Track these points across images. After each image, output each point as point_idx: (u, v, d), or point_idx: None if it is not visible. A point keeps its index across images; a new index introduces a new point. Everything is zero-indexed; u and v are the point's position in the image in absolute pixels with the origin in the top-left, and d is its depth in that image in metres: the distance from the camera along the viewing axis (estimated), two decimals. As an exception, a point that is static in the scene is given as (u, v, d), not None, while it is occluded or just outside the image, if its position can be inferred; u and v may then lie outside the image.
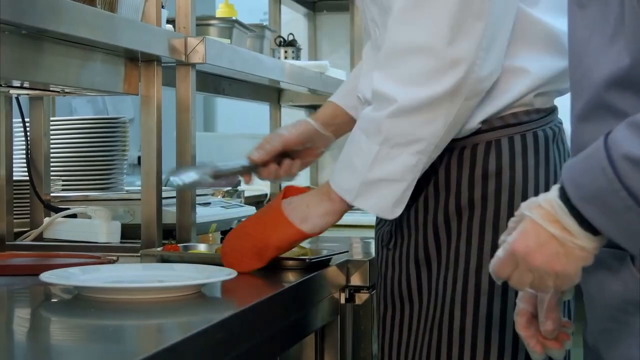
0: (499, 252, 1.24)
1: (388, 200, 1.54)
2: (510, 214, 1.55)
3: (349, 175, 1.57)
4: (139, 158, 2.22)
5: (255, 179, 1.80)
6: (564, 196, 1.16)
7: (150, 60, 2.01)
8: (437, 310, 1.59)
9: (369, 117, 1.55)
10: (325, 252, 1.82)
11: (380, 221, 1.75)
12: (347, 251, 1.90)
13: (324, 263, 1.79)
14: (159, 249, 1.90)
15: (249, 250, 1.65)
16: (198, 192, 2.20)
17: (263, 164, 1.78)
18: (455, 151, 1.58)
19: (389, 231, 1.70)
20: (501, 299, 1.55)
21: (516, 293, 1.54)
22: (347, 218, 2.71)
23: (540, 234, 1.18)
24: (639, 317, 1.20)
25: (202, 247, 1.94)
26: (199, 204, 2.19)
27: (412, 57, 1.50)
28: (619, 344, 1.23)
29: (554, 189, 1.19)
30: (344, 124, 1.84)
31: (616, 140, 1.10)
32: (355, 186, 1.55)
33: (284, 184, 1.86)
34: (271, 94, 3.47)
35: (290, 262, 1.73)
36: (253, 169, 1.77)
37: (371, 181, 1.54)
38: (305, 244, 1.86)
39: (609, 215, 1.12)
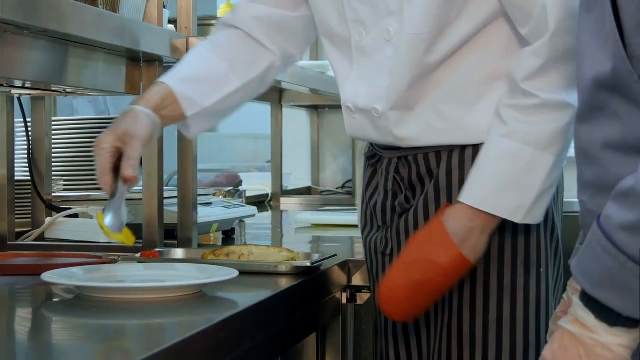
0: None
1: (545, 207, 1.50)
2: None
3: (518, 196, 1.47)
4: (141, 158, 2.21)
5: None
6: (582, 292, 1.14)
7: (152, 60, 2.01)
8: (446, 315, 1.56)
9: (544, 130, 1.46)
10: (316, 257, 1.77)
11: (367, 227, 1.69)
12: (335, 255, 1.86)
13: (314, 269, 1.72)
14: (137, 254, 1.84)
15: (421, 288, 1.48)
16: (199, 192, 2.20)
17: None
18: (456, 152, 1.55)
19: (383, 237, 1.64)
20: (510, 298, 1.53)
21: (524, 292, 1.53)
22: (348, 218, 2.73)
23: (564, 337, 1.16)
24: None
25: (179, 253, 1.88)
26: (200, 204, 2.19)
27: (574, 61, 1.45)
28: None
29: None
30: (171, 111, 1.64)
31: (607, 216, 1.09)
32: (526, 204, 1.47)
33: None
34: (272, 94, 3.47)
35: (280, 268, 1.68)
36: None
37: (542, 193, 1.48)
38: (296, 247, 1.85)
39: (623, 293, 1.09)
